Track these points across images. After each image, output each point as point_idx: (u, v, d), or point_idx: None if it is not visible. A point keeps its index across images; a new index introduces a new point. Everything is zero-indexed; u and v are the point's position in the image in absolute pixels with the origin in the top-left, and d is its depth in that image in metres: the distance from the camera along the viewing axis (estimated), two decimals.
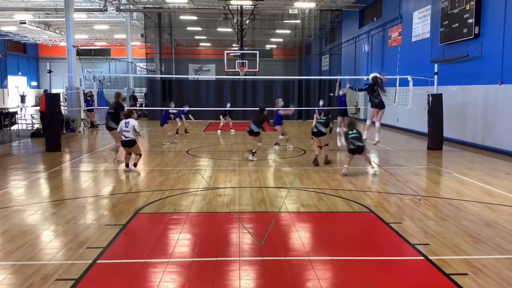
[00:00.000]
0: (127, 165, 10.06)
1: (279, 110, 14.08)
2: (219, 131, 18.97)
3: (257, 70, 27.08)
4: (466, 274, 4.60)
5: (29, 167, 10.92)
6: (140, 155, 10.18)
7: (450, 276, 4.56)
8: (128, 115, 10.11)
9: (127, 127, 9.85)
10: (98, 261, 4.93)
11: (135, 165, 9.99)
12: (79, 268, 4.73)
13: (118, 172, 10.29)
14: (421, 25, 18.48)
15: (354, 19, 28.50)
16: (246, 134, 13.51)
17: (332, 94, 26.55)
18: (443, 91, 14.57)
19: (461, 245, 5.48)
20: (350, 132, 9.82)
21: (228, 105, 20.00)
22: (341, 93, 13.60)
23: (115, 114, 11.23)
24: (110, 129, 11.51)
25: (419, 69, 16.87)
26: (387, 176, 9.80)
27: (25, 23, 31.43)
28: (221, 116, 19.58)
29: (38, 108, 26.45)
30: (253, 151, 11.94)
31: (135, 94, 32.51)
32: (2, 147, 14.58)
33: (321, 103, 18.54)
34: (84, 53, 38.32)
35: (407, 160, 12.09)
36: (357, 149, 9.60)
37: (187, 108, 18.07)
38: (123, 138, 9.95)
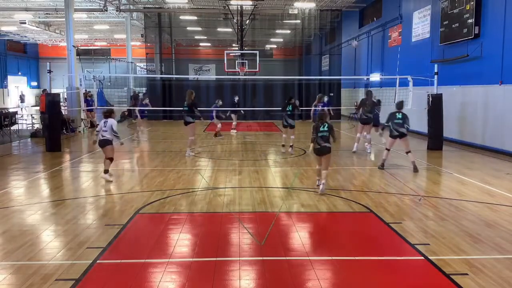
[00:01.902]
0: (105, 172, 9.29)
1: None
2: (233, 130, 18.65)
3: (257, 70, 27.08)
4: (466, 274, 4.61)
5: (29, 167, 10.93)
6: (111, 159, 9.32)
7: (450, 276, 4.57)
8: (108, 115, 9.43)
9: (105, 126, 9.21)
10: (98, 261, 4.93)
11: (106, 171, 9.22)
12: (79, 268, 4.74)
13: (119, 173, 10.29)
14: (421, 25, 18.48)
15: (354, 19, 28.50)
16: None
17: (332, 95, 26.61)
18: (443, 91, 14.57)
19: (461, 245, 5.48)
20: (397, 117, 10.38)
21: (236, 98, 18.98)
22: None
23: (190, 110, 12.48)
24: (187, 123, 12.60)
25: (419, 69, 16.87)
26: (387, 176, 9.80)
27: (25, 23, 31.40)
28: (232, 115, 18.51)
29: (38, 108, 26.51)
30: (291, 144, 13.06)
31: (137, 93, 32.25)
32: (2, 147, 14.58)
33: (325, 99, 18.01)
34: (84, 53, 38.29)
35: (407, 160, 12.05)
36: (400, 135, 10.42)
37: (220, 103, 17.63)
38: (100, 137, 9.29)
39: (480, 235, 5.84)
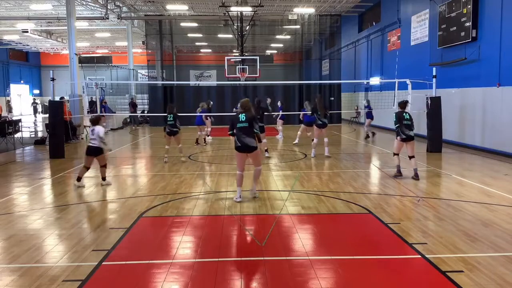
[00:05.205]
0: (79, 179, 9.33)
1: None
2: (209, 137, 18.22)
3: (258, 75, 27.27)
4: (462, 271, 4.72)
5: (34, 174, 11.09)
6: (105, 166, 9.56)
7: (446, 273, 4.68)
8: (96, 122, 9.49)
9: (93, 134, 9.28)
10: (103, 263, 5.06)
11: (103, 178, 9.54)
12: (85, 270, 4.87)
13: (123, 178, 10.44)
14: (420, 29, 18.65)
15: (354, 23, 28.72)
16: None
17: (332, 99, 26.76)
18: (442, 94, 14.70)
19: (457, 244, 5.59)
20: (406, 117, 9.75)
21: (210, 103, 18.27)
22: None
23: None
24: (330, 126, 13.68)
25: (418, 73, 17.03)
26: (386, 178, 9.92)
27: (27, 31, 31.73)
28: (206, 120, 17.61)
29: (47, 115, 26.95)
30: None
31: (135, 101, 32.40)
32: (6, 154, 14.76)
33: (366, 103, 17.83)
34: (86, 61, 38.59)
35: (406, 162, 12.17)
36: (407, 138, 9.78)
37: (205, 105, 16.93)
38: (90, 144, 9.37)
39: (476, 234, 5.95)
